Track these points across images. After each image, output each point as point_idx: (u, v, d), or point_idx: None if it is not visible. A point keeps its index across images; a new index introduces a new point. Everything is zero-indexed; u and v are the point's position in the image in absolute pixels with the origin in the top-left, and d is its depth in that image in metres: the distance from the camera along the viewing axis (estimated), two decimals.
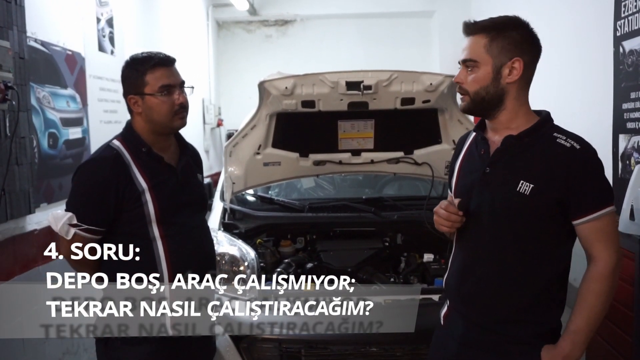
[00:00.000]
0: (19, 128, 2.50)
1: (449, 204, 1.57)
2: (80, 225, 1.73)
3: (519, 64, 1.50)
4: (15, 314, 2.53)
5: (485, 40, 1.51)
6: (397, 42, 7.62)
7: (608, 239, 1.49)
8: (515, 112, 1.55)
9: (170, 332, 1.79)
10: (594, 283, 1.48)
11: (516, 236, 1.52)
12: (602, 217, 1.47)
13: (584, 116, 4.16)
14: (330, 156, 3.14)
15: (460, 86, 1.56)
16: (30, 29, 2.70)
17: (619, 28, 3.52)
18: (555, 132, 1.53)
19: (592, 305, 1.48)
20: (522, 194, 1.48)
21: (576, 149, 1.48)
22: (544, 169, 1.48)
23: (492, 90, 1.51)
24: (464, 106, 1.58)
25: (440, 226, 1.59)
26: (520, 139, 1.52)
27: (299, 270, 2.92)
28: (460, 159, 1.71)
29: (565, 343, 1.49)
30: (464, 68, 1.55)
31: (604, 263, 1.48)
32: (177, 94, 1.81)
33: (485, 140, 1.60)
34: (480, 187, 1.56)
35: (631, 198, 2.70)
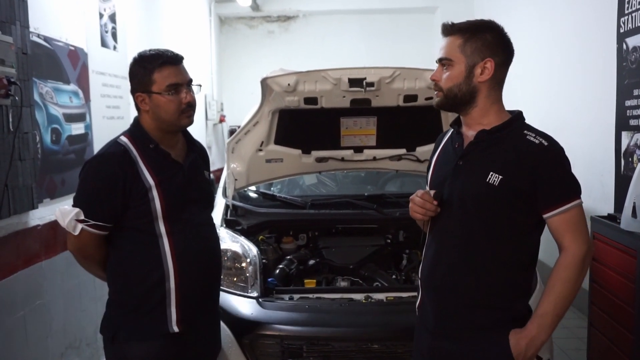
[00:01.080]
0: (21, 123, 2.50)
1: (425, 193, 1.65)
2: (87, 220, 1.73)
3: (491, 64, 1.59)
4: (18, 309, 2.55)
5: (460, 40, 1.60)
6: (400, 38, 7.61)
7: (577, 229, 1.57)
8: (486, 109, 1.63)
9: (175, 329, 1.80)
10: (562, 271, 1.57)
11: (484, 225, 1.60)
12: (570, 210, 1.56)
13: (586, 113, 4.16)
14: (333, 153, 3.14)
15: (435, 83, 1.65)
16: (33, 25, 2.70)
17: (623, 24, 3.51)
18: (525, 130, 1.61)
19: (559, 291, 1.56)
20: (491, 184, 1.56)
21: (544, 145, 1.57)
22: (512, 162, 1.56)
23: (464, 88, 1.60)
24: (438, 102, 1.67)
25: (415, 213, 1.67)
26: (492, 134, 1.61)
27: (300, 266, 2.93)
28: (436, 155, 1.80)
29: (532, 326, 1.57)
30: (440, 66, 1.64)
31: (573, 253, 1.57)
32: (185, 92, 1.81)
33: (460, 134, 1.70)
34: (452, 178, 1.65)
35: (633, 195, 2.69)
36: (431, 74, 2.59)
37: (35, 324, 2.68)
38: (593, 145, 3.99)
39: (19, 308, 2.56)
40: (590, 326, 3.11)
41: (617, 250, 2.79)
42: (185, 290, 1.82)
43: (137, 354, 1.79)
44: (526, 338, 1.56)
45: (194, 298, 1.85)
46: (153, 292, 1.79)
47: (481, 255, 1.61)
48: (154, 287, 1.79)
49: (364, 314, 2.43)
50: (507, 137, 1.60)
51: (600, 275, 2.98)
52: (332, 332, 2.32)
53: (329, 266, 2.95)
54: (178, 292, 1.80)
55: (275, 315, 2.38)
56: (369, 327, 2.35)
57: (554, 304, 1.56)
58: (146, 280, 1.79)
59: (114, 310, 1.85)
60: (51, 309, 2.84)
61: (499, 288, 1.61)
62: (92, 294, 3.26)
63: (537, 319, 1.58)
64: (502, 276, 1.61)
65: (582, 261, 1.57)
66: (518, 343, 1.57)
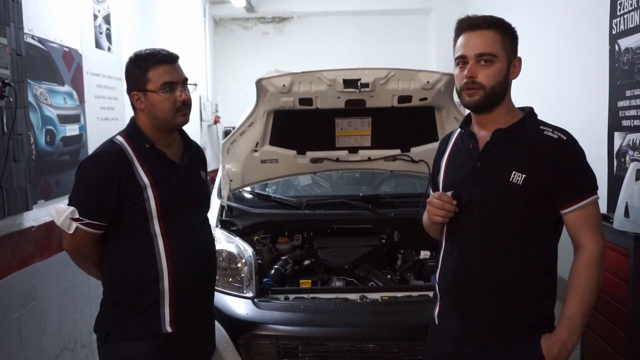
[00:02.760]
0: (16, 125, 2.49)
1: (442, 194, 1.60)
2: (82, 219, 1.73)
3: (519, 63, 1.60)
4: (13, 310, 2.54)
5: (497, 35, 1.55)
6: (395, 39, 7.63)
7: (594, 226, 1.56)
8: (507, 107, 1.62)
9: (169, 329, 1.81)
10: (584, 269, 1.54)
11: (508, 226, 1.56)
12: (588, 205, 1.54)
13: (579, 114, 4.18)
14: (328, 154, 3.14)
15: (472, 80, 1.55)
16: (28, 26, 2.69)
17: (615, 26, 3.54)
18: (541, 125, 1.60)
19: (584, 290, 1.53)
20: (515, 184, 1.53)
21: (563, 140, 1.55)
22: (534, 159, 1.54)
23: (503, 86, 1.58)
24: (477, 100, 1.56)
25: (434, 216, 1.61)
26: (509, 132, 1.58)
27: (296, 267, 2.93)
28: (446, 157, 1.74)
29: (562, 329, 1.54)
30: (474, 62, 1.55)
31: (591, 249, 1.54)
32: (180, 91, 1.81)
33: (473, 135, 1.65)
34: (471, 181, 1.60)
35: (626, 195, 2.72)
36: (426, 74, 2.65)
37: (29, 326, 2.67)
38: (586, 145, 3.95)
39: (14, 309, 2.55)
40: None
41: (610, 250, 2.80)
42: (180, 291, 1.82)
43: (131, 353, 1.79)
44: (558, 343, 1.53)
45: (188, 298, 1.85)
46: (147, 292, 1.79)
47: (506, 257, 1.57)
48: (148, 287, 1.79)
49: (359, 313, 2.43)
50: (524, 134, 1.58)
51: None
52: (327, 332, 2.33)
53: (324, 266, 2.95)
54: (172, 292, 1.80)
55: (271, 315, 2.39)
56: (364, 327, 2.36)
57: (580, 305, 1.53)
58: (140, 280, 1.79)
59: (108, 310, 1.85)
60: (46, 310, 2.83)
61: (526, 289, 1.58)
62: (86, 295, 3.26)
63: (565, 321, 1.54)
64: (529, 277, 1.58)
65: (601, 258, 1.55)
66: (550, 349, 1.53)
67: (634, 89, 3.32)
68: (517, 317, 1.58)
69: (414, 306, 2.48)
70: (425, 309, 2.47)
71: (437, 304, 1.73)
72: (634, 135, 3.33)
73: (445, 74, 2.62)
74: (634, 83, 3.32)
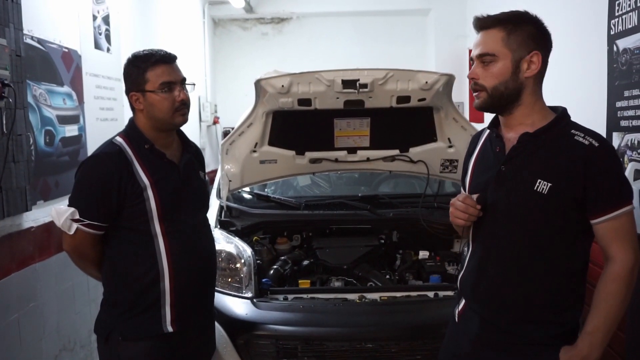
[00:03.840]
0: (15, 125, 2.49)
1: (467, 197, 1.55)
2: (82, 220, 1.74)
3: (538, 58, 1.49)
4: (12, 311, 2.55)
5: (502, 33, 1.49)
6: (393, 40, 7.63)
7: (626, 238, 1.46)
8: (531, 107, 1.53)
9: (169, 329, 1.81)
10: (611, 284, 1.47)
11: (532, 234, 1.50)
12: (620, 216, 1.45)
13: (577, 114, 4.15)
14: (327, 154, 3.15)
15: (475, 82, 1.53)
16: (27, 27, 2.69)
17: (613, 27, 3.55)
18: (573, 129, 1.50)
19: (609, 305, 1.46)
20: (539, 193, 1.46)
21: (595, 147, 1.45)
22: (562, 168, 1.45)
23: (511, 85, 1.49)
24: (480, 103, 1.54)
25: (456, 219, 1.57)
26: (537, 136, 1.50)
27: (295, 267, 2.94)
28: (474, 157, 1.69)
29: (583, 344, 1.47)
30: (478, 63, 1.52)
31: (621, 263, 1.46)
32: (178, 90, 1.82)
33: (500, 137, 1.59)
34: (496, 185, 1.54)
35: None
36: (424, 75, 2.66)
37: (29, 326, 2.68)
38: None
39: (13, 310, 2.55)
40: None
41: None
42: (180, 291, 1.82)
43: (131, 353, 1.80)
44: (577, 357, 1.46)
45: (188, 298, 1.86)
46: (148, 292, 1.80)
47: (530, 267, 1.51)
48: (148, 287, 1.80)
49: (358, 313, 2.44)
50: (554, 138, 1.49)
51: (593, 276, 3.00)
52: (326, 332, 2.33)
53: (323, 266, 2.96)
54: (173, 292, 1.81)
55: (270, 315, 2.39)
56: (363, 327, 2.36)
57: (604, 320, 1.46)
58: (141, 280, 1.80)
59: (109, 310, 1.85)
60: (45, 311, 2.83)
61: (549, 301, 1.52)
62: (86, 296, 3.26)
63: (587, 336, 1.47)
64: (553, 288, 1.51)
65: (631, 272, 1.46)
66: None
67: (632, 89, 3.33)
68: (539, 327, 1.52)
69: (413, 306, 2.49)
70: (424, 309, 2.48)
71: (460, 302, 1.70)
72: (633, 136, 3.34)
73: (444, 75, 2.63)
74: (632, 83, 3.33)
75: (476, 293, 1.61)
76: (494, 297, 1.56)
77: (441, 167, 3.12)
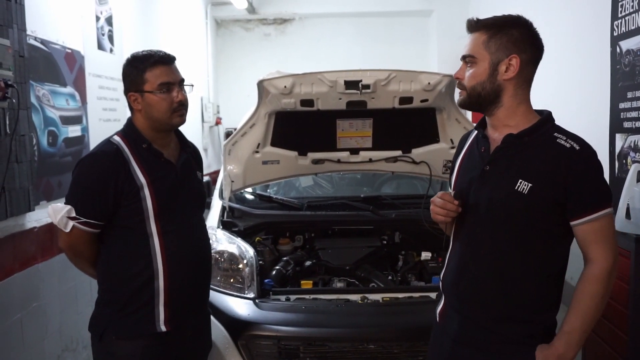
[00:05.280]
0: (19, 126, 2.50)
1: (445, 193, 1.60)
2: (78, 218, 1.74)
3: (516, 61, 1.51)
4: (15, 311, 2.55)
5: (484, 37, 1.53)
6: (395, 41, 7.64)
7: (605, 240, 1.49)
8: (512, 109, 1.56)
9: (163, 328, 1.81)
10: (589, 285, 1.49)
11: (513, 234, 1.53)
12: (599, 219, 1.47)
13: (581, 116, 4.18)
14: (329, 155, 3.15)
15: (459, 82, 1.59)
16: (30, 28, 2.70)
17: (616, 28, 3.54)
18: (556, 132, 1.53)
19: (587, 306, 1.49)
20: (520, 192, 1.49)
21: (575, 149, 1.48)
22: (543, 169, 1.49)
23: (488, 87, 1.53)
24: (461, 101, 1.61)
25: (436, 215, 1.61)
26: (520, 138, 1.53)
27: (297, 268, 2.94)
28: (461, 157, 1.73)
29: (559, 343, 1.50)
30: (463, 64, 1.58)
31: (600, 265, 1.49)
32: (176, 91, 1.83)
33: (486, 138, 1.62)
34: (479, 184, 1.58)
35: (627, 197, 2.72)
36: (427, 76, 2.66)
37: (31, 326, 2.68)
38: None
39: (16, 310, 2.56)
40: None
41: None
42: (174, 290, 1.83)
43: (125, 352, 1.80)
44: (553, 356, 1.49)
45: (182, 298, 1.86)
46: (142, 291, 1.80)
47: (509, 266, 1.54)
48: (143, 286, 1.80)
49: (360, 314, 2.44)
50: (537, 141, 1.52)
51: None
52: (328, 333, 2.33)
53: (326, 267, 2.96)
54: (167, 292, 1.81)
55: (272, 315, 2.39)
56: (365, 328, 2.36)
57: (581, 320, 1.49)
58: (136, 279, 1.80)
59: (103, 309, 1.86)
60: (47, 311, 2.84)
61: (528, 300, 1.54)
62: (88, 296, 3.26)
63: (564, 335, 1.50)
64: (532, 288, 1.54)
65: (609, 274, 1.48)
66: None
67: (635, 91, 3.33)
68: (517, 325, 1.55)
69: (415, 307, 2.48)
70: (427, 310, 2.47)
71: (440, 302, 1.73)
72: (636, 137, 3.33)
73: (446, 76, 2.63)
74: (635, 85, 3.32)
75: (457, 290, 1.64)
76: (474, 295, 1.59)
77: (443, 168, 3.12)
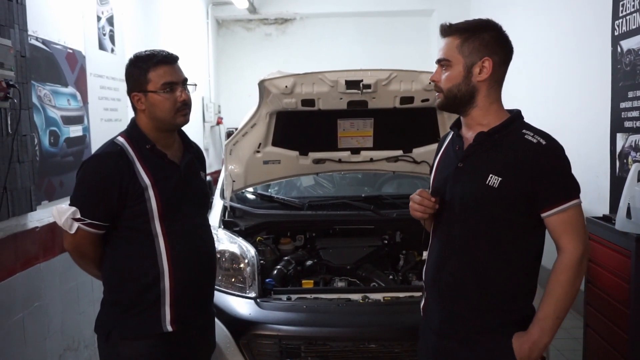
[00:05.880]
0: (20, 126, 2.51)
1: (423, 191, 1.69)
2: (83, 219, 1.75)
3: (489, 63, 1.59)
4: (17, 311, 2.56)
5: (458, 41, 1.60)
6: (396, 40, 7.64)
7: (574, 230, 1.57)
8: (486, 109, 1.63)
9: (169, 328, 1.82)
10: (560, 273, 1.57)
11: (486, 227, 1.60)
12: (567, 210, 1.55)
13: (581, 115, 4.18)
14: (330, 154, 3.15)
15: (435, 84, 1.66)
16: (32, 28, 2.71)
17: (617, 27, 3.54)
18: (524, 129, 1.61)
19: (559, 294, 1.56)
20: (491, 186, 1.57)
21: (542, 145, 1.56)
22: (512, 163, 1.56)
23: (463, 88, 1.61)
24: (438, 103, 1.68)
25: (415, 212, 1.69)
26: (491, 135, 1.61)
27: (298, 267, 2.94)
28: (438, 157, 1.82)
29: (534, 330, 1.57)
30: (439, 67, 1.65)
31: (570, 254, 1.56)
32: (180, 91, 1.83)
33: (460, 137, 1.70)
34: (453, 181, 1.65)
35: (628, 196, 2.72)
36: (428, 75, 2.66)
37: (33, 326, 2.69)
38: (589, 147, 4.02)
39: (18, 310, 2.56)
40: (586, 327, 3.13)
41: (612, 251, 2.81)
42: (180, 290, 1.83)
43: (131, 352, 1.80)
44: (529, 342, 1.57)
45: (188, 298, 1.86)
46: (148, 292, 1.80)
47: (484, 258, 1.61)
48: (148, 287, 1.80)
49: (362, 314, 2.44)
50: (506, 137, 1.60)
51: (596, 276, 3.01)
52: (329, 332, 2.34)
53: (327, 267, 2.96)
54: (172, 292, 1.81)
55: (273, 315, 2.40)
56: (367, 327, 2.36)
57: (554, 307, 1.56)
58: (141, 280, 1.80)
59: (109, 309, 1.86)
60: (49, 310, 2.84)
61: (503, 290, 1.61)
62: (90, 295, 3.27)
63: (538, 322, 1.57)
64: (506, 278, 1.61)
65: (580, 263, 1.55)
66: (521, 347, 1.57)
67: (636, 90, 3.33)
68: (494, 315, 1.62)
69: (416, 307, 2.47)
70: None
71: (423, 298, 1.81)
72: (636, 137, 3.33)
73: None
74: (636, 84, 3.32)
75: (437, 284, 1.71)
76: (452, 288, 1.66)
77: None
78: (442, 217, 1.68)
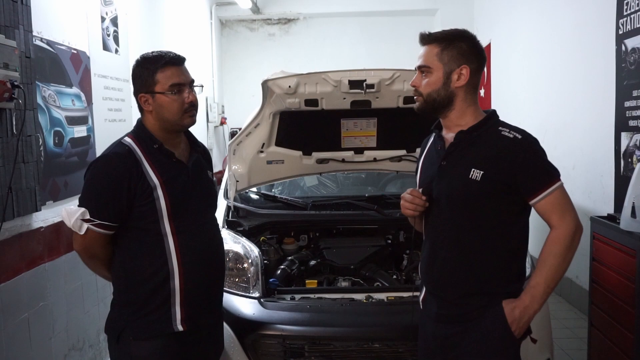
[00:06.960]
0: (25, 126, 2.52)
1: (414, 190, 1.80)
2: (93, 220, 1.75)
3: (466, 71, 1.71)
4: (22, 311, 2.57)
5: (437, 49, 1.72)
6: (400, 40, 7.63)
7: (563, 209, 1.68)
8: (463, 111, 1.75)
9: (180, 328, 1.82)
10: (552, 245, 1.68)
11: (471, 217, 1.71)
12: (552, 193, 1.66)
13: (586, 114, 4.17)
14: (333, 154, 3.15)
15: (415, 89, 1.77)
16: (36, 28, 2.72)
17: (621, 26, 3.53)
18: (500, 126, 1.73)
19: (550, 264, 1.67)
20: (474, 180, 1.67)
21: (518, 139, 1.68)
22: (491, 157, 1.68)
23: (442, 93, 1.72)
24: (418, 106, 1.78)
25: (406, 210, 1.79)
26: (470, 133, 1.73)
27: (302, 267, 2.94)
28: (422, 158, 1.93)
29: (525, 296, 1.69)
30: (419, 73, 1.76)
31: (562, 229, 1.67)
32: (187, 92, 1.83)
33: (441, 137, 1.82)
34: (438, 178, 1.77)
35: (633, 195, 2.71)
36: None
37: (38, 326, 2.70)
38: (593, 146, 4.01)
39: (23, 310, 2.58)
40: (591, 326, 3.12)
41: (617, 250, 2.80)
42: (190, 289, 1.83)
43: (142, 353, 1.81)
44: (520, 307, 1.67)
45: (198, 297, 1.87)
46: (158, 291, 1.81)
47: (472, 247, 1.72)
48: (158, 286, 1.81)
49: (365, 313, 2.44)
50: (484, 134, 1.72)
51: (600, 275, 3.00)
52: (333, 332, 2.34)
53: (330, 266, 2.96)
54: (183, 291, 1.82)
55: (277, 315, 2.40)
56: (370, 327, 2.36)
57: (545, 276, 1.66)
58: (151, 280, 1.80)
59: (119, 310, 1.86)
60: (54, 310, 2.85)
61: (493, 276, 1.72)
62: (94, 295, 3.28)
63: (529, 289, 1.68)
64: (494, 264, 1.72)
65: (572, 237, 1.66)
66: (512, 311, 1.67)
67: None
68: (486, 297, 1.72)
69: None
70: None
71: (422, 290, 1.91)
72: None
73: None
74: None
75: (431, 275, 1.82)
76: (444, 277, 1.77)
77: None
78: (431, 214, 1.79)
